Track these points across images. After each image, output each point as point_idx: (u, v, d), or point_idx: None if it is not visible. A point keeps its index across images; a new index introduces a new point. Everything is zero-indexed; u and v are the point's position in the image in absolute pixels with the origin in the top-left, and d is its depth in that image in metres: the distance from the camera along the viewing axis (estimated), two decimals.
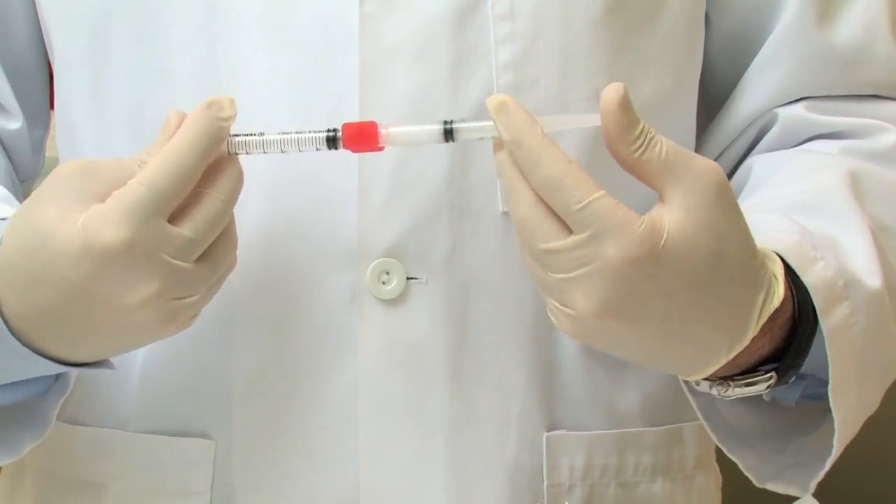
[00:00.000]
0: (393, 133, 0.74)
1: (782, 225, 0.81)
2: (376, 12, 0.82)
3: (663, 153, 0.71)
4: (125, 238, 0.71)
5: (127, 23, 0.85)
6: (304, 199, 0.83)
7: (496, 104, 0.72)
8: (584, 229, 0.70)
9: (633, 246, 0.70)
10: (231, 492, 0.85)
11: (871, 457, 1.40)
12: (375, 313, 0.83)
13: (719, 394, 0.77)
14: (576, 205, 0.70)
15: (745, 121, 0.94)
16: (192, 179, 0.72)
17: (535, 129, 0.71)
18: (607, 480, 0.88)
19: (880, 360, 0.82)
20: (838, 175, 0.86)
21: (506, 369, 0.85)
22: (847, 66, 0.93)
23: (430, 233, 0.83)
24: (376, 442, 0.84)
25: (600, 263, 0.70)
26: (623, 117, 0.71)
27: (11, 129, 0.94)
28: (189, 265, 0.73)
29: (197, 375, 0.85)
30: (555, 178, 0.70)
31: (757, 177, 0.92)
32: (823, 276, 0.78)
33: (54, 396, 0.82)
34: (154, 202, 0.71)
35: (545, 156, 0.70)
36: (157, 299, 0.72)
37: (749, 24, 0.93)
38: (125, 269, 0.71)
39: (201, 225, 0.73)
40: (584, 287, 0.71)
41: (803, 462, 0.83)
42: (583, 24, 0.84)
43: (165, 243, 0.72)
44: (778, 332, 0.77)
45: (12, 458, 0.83)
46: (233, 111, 0.73)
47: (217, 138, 0.73)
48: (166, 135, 0.74)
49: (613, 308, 0.71)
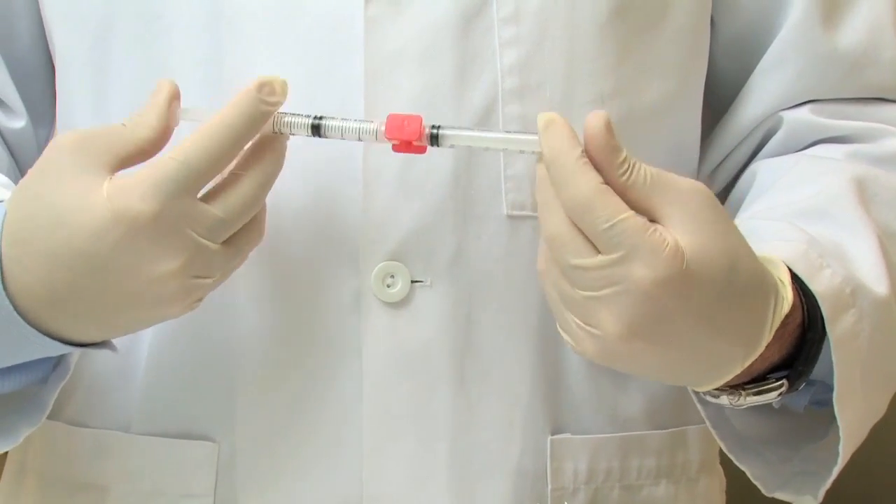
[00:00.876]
0: (444, 134, 0.75)
1: (788, 233, 0.81)
2: (381, 15, 0.82)
3: (648, 176, 0.72)
4: (154, 210, 0.71)
5: (130, 23, 0.85)
6: (308, 202, 0.83)
7: (544, 121, 0.72)
8: (613, 249, 0.70)
9: (662, 267, 0.70)
10: (234, 495, 0.85)
11: (870, 458, 1.40)
12: (380, 316, 0.83)
13: (731, 403, 0.78)
14: (604, 224, 0.70)
15: (751, 124, 0.94)
16: (227, 159, 0.72)
17: (573, 150, 0.71)
18: (611, 484, 0.88)
19: (886, 367, 0.82)
20: (844, 181, 0.86)
21: (510, 372, 0.85)
22: (852, 68, 0.93)
23: (435, 236, 0.83)
24: (380, 445, 0.84)
25: (629, 284, 0.70)
26: (609, 142, 0.71)
27: (16, 128, 0.94)
28: (216, 246, 0.73)
29: (200, 378, 0.85)
30: (584, 198, 0.70)
31: (761, 182, 0.92)
32: (831, 284, 0.78)
33: (54, 382, 0.82)
34: (186, 177, 0.71)
35: (577, 176, 0.70)
36: (178, 274, 0.73)
37: (754, 27, 0.93)
38: (151, 242, 0.72)
39: (233, 207, 0.73)
40: (611, 307, 0.71)
41: (811, 470, 0.83)
42: (588, 28, 0.84)
43: (195, 220, 0.72)
44: (788, 338, 0.77)
45: (9, 446, 0.83)
46: (283, 96, 0.74)
47: (259, 121, 0.73)
48: (158, 96, 0.74)
49: (639, 328, 0.71)
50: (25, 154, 0.95)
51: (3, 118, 0.93)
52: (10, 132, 0.94)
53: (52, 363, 0.82)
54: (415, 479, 0.84)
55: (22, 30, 0.92)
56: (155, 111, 0.74)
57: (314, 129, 0.76)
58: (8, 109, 0.93)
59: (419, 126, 0.75)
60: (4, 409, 0.83)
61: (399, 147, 0.75)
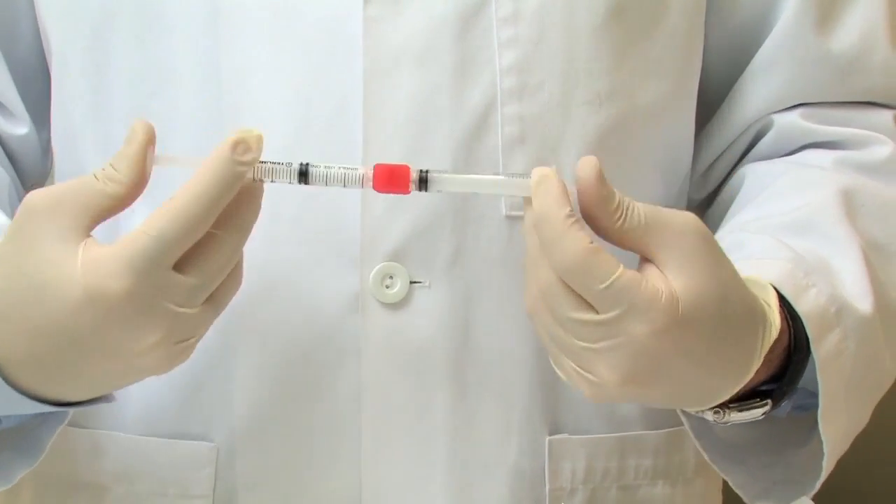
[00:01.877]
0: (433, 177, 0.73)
1: (774, 251, 0.81)
2: (380, 15, 0.82)
3: (642, 219, 0.71)
4: (128, 288, 0.68)
5: (129, 24, 0.85)
6: (306, 204, 0.82)
7: (538, 177, 0.71)
8: (609, 308, 0.70)
9: (659, 320, 0.70)
10: (233, 495, 0.85)
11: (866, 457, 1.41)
12: (378, 317, 0.83)
13: (715, 420, 0.78)
14: (599, 285, 0.69)
15: (742, 126, 0.94)
16: (202, 229, 0.69)
17: (561, 210, 0.70)
18: (608, 484, 0.89)
19: (870, 382, 0.83)
20: (830, 193, 0.87)
21: (508, 373, 0.85)
22: (844, 73, 0.93)
23: (434, 237, 0.83)
24: (378, 445, 0.84)
25: (627, 338, 0.70)
26: (601, 191, 0.71)
27: (19, 135, 0.93)
28: (195, 310, 0.71)
29: (199, 378, 0.85)
30: (575, 261, 0.69)
31: (749, 189, 0.92)
32: (816, 304, 0.78)
33: (52, 424, 0.80)
34: (160, 252, 0.69)
35: (566, 239, 0.70)
36: (161, 344, 0.71)
37: (747, 29, 0.94)
38: (128, 319, 0.69)
39: (210, 271, 0.70)
40: (608, 359, 0.71)
41: (793, 478, 0.84)
42: (586, 29, 0.84)
43: (170, 292, 0.69)
44: (775, 361, 0.78)
45: (5, 486, 0.81)
46: (258, 152, 0.70)
47: (235, 185, 0.70)
48: (131, 146, 0.71)
49: (634, 377, 0.71)
50: (30, 158, 0.94)
51: (5, 124, 0.93)
52: (13, 139, 0.93)
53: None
54: (413, 479, 0.84)
55: (24, 31, 0.92)
56: (127, 162, 0.71)
57: (301, 175, 0.73)
58: (9, 114, 0.93)
59: (407, 176, 0.73)
60: (0, 447, 0.81)
61: (381, 189, 0.74)
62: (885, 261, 0.86)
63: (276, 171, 0.72)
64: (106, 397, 0.78)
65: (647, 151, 0.89)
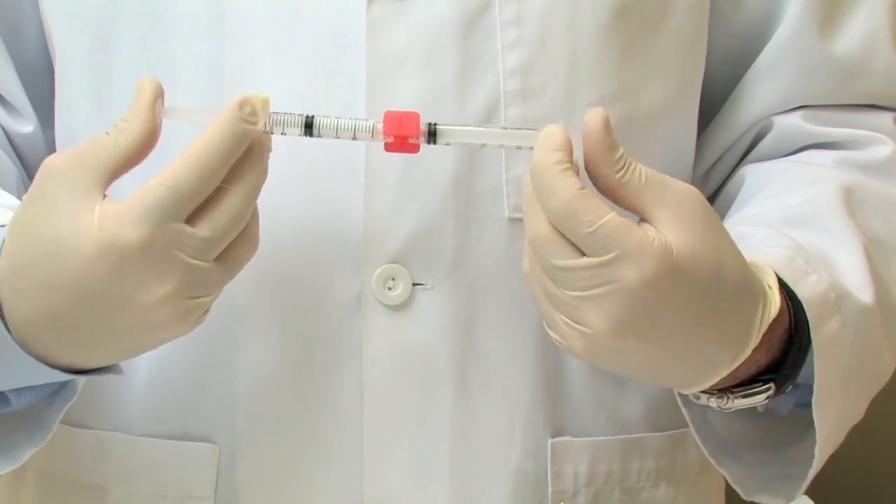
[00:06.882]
0: (441, 130, 0.75)
1: (775, 240, 0.82)
2: (384, 17, 0.82)
3: (643, 176, 0.73)
4: (143, 238, 0.70)
5: (132, 25, 0.85)
6: (310, 205, 0.83)
7: (545, 131, 0.73)
8: (600, 252, 0.71)
9: (650, 267, 0.70)
10: (235, 497, 0.85)
11: (864, 457, 1.41)
12: (381, 319, 0.83)
13: (719, 406, 0.78)
14: (587, 228, 0.70)
15: (743, 128, 0.95)
16: (214, 181, 0.72)
17: (551, 157, 0.72)
18: (611, 486, 0.89)
19: (867, 373, 0.83)
20: (832, 189, 0.87)
21: (511, 375, 0.85)
22: (846, 76, 0.93)
23: (437, 238, 0.83)
24: (380, 447, 0.84)
25: (618, 285, 0.71)
26: (606, 139, 0.72)
27: (26, 133, 0.93)
28: (207, 264, 0.72)
29: (201, 380, 0.85)
30: (563, 205, 0.71)
31: (749, 187, 0.92)
32: (816, 290, 0.79)
33: (59, 403, 0.81)
34: (174, 203, 0.70)
35: (556, 183, 0.71)
36: (173, 298, 0.72)
37: (750, 32, 0.94)
38: (142, 269, 0.71)
39: (220, 224, 0.72)
40: (599, 306, 0.71)
41: (790, 473, 0.84)
42: (590, 30, 0.84)
43: (183, 243, 0.71)
44: (776, 343, 0.78)
45: (12, 467, 0.82)
46: (265, 115, 0.73)
47: (244, 140, 0.72)
48: (140, 99, 0.73)
49: (627, 327, 0.72)
50: (36, 156, 0.94)
51: (12, 122, 0.93)
52: (20, 137, 0.93)
53: (58, 382, 0.82)
54: (415, 482, 0.84)
55: (30, 31, 0.92)
56: (139, 115, 0.73)
57: (307, 126, 0.75)
58: (17, 113, 0.93)
59: (416, 123, 0.75)
60: (7, 428, 0.82)
61: (392, 146, 0.75)
62: (885, 257, 0.86)
63: (285, 120, 0.75)
64: (114, 368, 0.79)
65: (650, 152, 0.89)
